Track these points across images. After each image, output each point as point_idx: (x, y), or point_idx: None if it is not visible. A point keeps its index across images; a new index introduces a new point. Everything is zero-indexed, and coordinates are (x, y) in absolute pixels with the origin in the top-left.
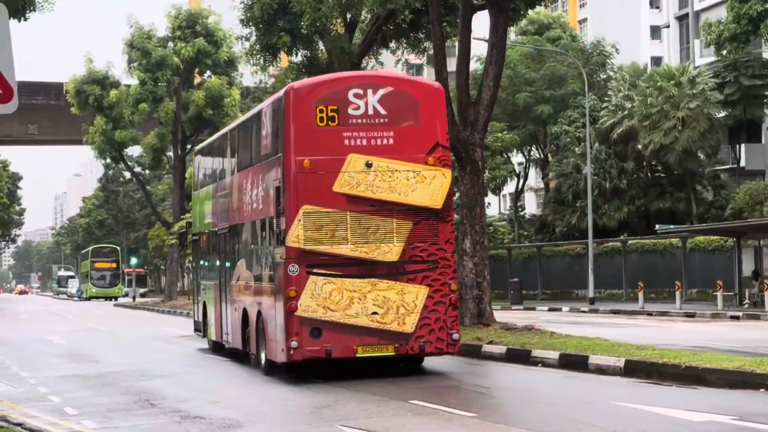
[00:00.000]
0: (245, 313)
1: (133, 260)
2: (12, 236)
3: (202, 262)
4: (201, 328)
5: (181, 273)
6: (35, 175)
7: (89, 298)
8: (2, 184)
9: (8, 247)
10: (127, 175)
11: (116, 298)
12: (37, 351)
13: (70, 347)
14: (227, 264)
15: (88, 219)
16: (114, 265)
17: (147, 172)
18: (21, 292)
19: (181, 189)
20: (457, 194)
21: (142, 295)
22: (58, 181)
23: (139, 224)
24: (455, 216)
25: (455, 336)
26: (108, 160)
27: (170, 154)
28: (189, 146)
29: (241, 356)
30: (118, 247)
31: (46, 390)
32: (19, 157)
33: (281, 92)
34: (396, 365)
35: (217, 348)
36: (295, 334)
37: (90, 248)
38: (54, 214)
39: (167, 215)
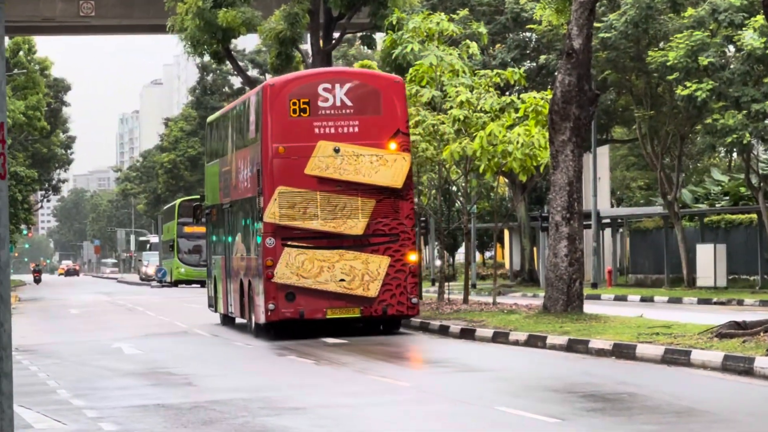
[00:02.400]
0: (241, 283)
1: None
2: (54, 182)
3: (212, 237)
4: (213, 303)
5: None
6: (90, 85)
7: (176, 283)
8: (40, 97)
9: (47, 200)
10: (236, 81)
11: None
12: (97, 367)
13: (149, 361)
14: (230, 239)
15: (173, 154)
16: None
17: (268, 77)
18: (68, 272)
19: None
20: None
21: None
22: (127, 94)
23: None
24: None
25: (414, 300)
26: (206, 58)
27: (305, 47)
28: (337, 35)
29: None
30: None
31: (113, 430)
32: (66, 55)
33: (259, 87)
34: (360, 327)
35: (228, 321)
36: (272, 298)
37: (177, 201)
38: (118, 147)
39: None
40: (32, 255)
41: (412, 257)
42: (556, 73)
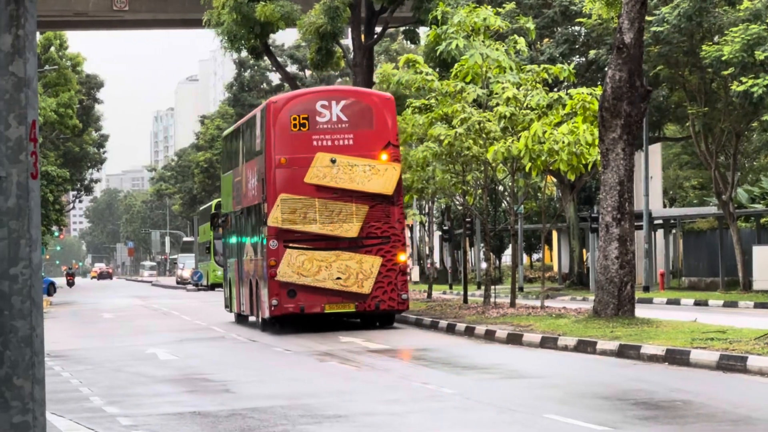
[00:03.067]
0: (250, 283)
1: None
2: (86, 182)
3: (228, 242)
4: (229, 303)
5: None
6: (124, 81)
7: (212, 286)
8: (71, 94)
9: (79, 200)
10: (274, 77)
11: None
12: (132, 373)
13: (184, 367)
14: (242, 243)
15: (209, 153)
16: None
17: (308, 73)
18: (101, 275)
19: None
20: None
21: None
22: (161, 91)
23: None
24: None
25: (404, 296)
26: (243, 54)
27: (346, 42)
28: (379, 29)
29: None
30: None
31: None
32: (99, 51)
33: (264, 104)
34: (357, 322)
35: (241, 319)
36: (275, 294)
37: (213, 201)
38: (152, 145)
39: None
40: (64, 257)
41: (402, 257)
42: (606, 69)
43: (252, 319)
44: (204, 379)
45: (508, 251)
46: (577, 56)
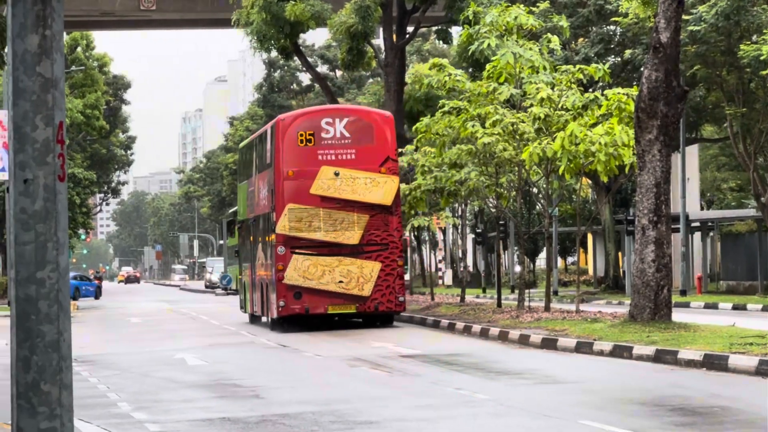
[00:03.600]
0: (261, 285)
1: None
2: (113, 185)
3: (243, 248)
4: (243, 304)
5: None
6: (151, 82)
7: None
8: (98, 95)
9: (106, 203)
10: (304, 78)
11: None
12: (160, 378)
13: (214, 372)
14: (254, 249)
15: (238, 154)
16: None
17: (339, 74)
18: (128, 279)
19: (399, 104)
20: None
21: None
22: (189, 92)
23: None
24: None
25: (401, 299)
26: (273, 54)
27: (378, 42)
28: (411, 29)
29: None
30: None
31: None
32: (126, 51)
33: (273, 121)
34: (358, 322)
35: (254, 319)
36: (282, 296)
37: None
38: (180, 147)
39: None
40: (91, 261)
41: (399, 263)
42: (642, 69)
43: (264, 319)
44: (233, 385)
45: (543, 254)
46: (613, 56)
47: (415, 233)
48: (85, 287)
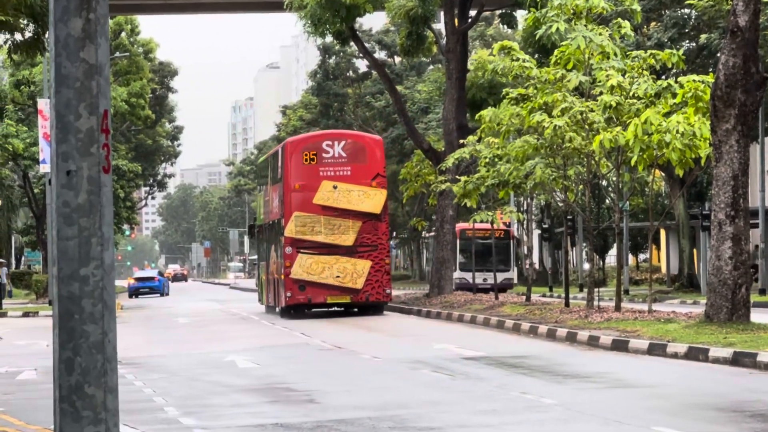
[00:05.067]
0: (273, 280)
1: None
2: (159, 178)
3: (260, 248)
4: (260, 297)
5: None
6: (200, 69)
7: None
8: (144, 83)
9: (152, 197)
10: (361, 64)
11: None
12: (209, 382)
13: (265, 375)
14: (269, 249)
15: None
16: None
17: (397, 60)
18: (175, 277)
19: (461, 91)
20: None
21: None
22: (240, 79)
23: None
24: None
25: (388, 291)
26: (328, 39)
27: (439, 27)
28: (474, 13)
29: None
30: None
31: None
32: (173, 37)
33: (283, 143)
34: (352, 311)
35: (270, 309)
36: (289, 288)
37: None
38: (230, 138)
39: (433, 138)
40: (135, 258)
41: (386, 261)
42: (719, 54)
43: (277, 309)
44: (287, 389)
45: (613, 251)
46: (687, 41)
47: None
48: None
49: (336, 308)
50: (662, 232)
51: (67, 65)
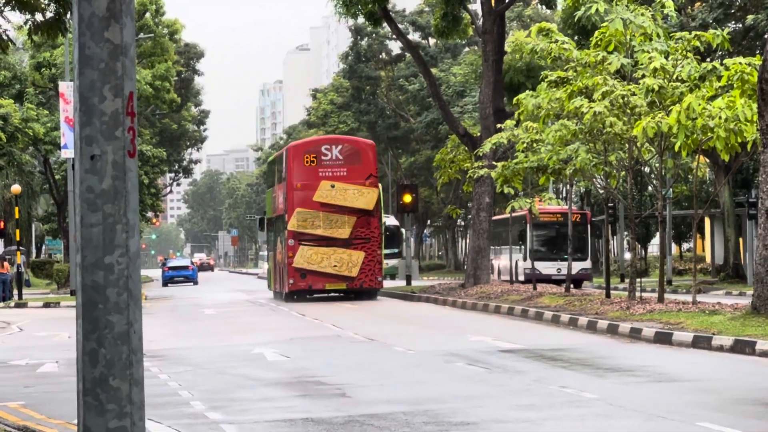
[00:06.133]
0: (279, 269)
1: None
2: (185, 163)
3: (268, 240)
4: (269, 283)
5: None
6: (227, 51)
7: None
8: (169, 65)
9: (177, 183)
10: (394, 46)
11: None
12: (236, 375)
13: (295, 368)
14: (275, 241)
15: (322, 130)
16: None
17: (432, 42)
18: (201, 267)
19: (498, 74)
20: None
21: (394, 273)
22: (268, 62)
23: (416, 140)
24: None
25: (379, 279)
26: (360, 20)
27: (475, 7)
28: None
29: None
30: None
31: None
32: (199, 17)
33: (286, 147)
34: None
35: (276, 295)
36: (292, 276)
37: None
38: (258, 122)
39: (468, 123)
40: (160, 247)
41: (378, 252)
42: (766, 36)
43: (283, 295)
44: (317, 382)
45: (655, 240)
46: (733, 22)
47: None
48: None
49: (334, 294)
50: (707, 221)
51: (91, 45)
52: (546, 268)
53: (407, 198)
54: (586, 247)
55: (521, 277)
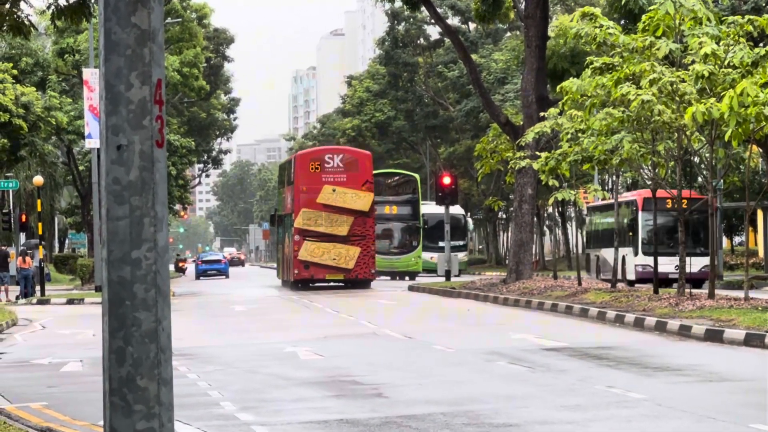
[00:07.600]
0: (286, 261)
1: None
2: (214, 154)
3: (278, 235)
4: (278, 273)
5: (541, 228)
6: (258, 36)
7: None
8: (197, 51)
9: (206, 174)
10: (433, 31)
11: (412, 275)
12: (268, 374)
13: (329, 368)
14: (284, 236)
15: (357, 119)
16: (408, 210)
17: (472, 26)
18: (231, 262)
19: (541, 60)
20: None
21: (462, 269)
22: (301, 47)
23: (456, 129)
24: None
25: (373, 271)
26: (397, 4)
27: None
28: None
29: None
30: (416, 176)
31: None
32: (229, 2)
33: (294, 155)
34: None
35: (284, 284)
36: (297, 267)
37: None
38: (291, 111)
39: (510, 111)
40: (188, 241)
41: (372, 248)
42: None
43: (289, 283)
44: (352, 382)
45: None
46: None
47: (559, 208)
48: None
49: (333, 283)
50: (759, 213)
51: (117, 31)
52: (663, 264)
53: (446, 180)
54: (707, 239)
55: (630, 276)
